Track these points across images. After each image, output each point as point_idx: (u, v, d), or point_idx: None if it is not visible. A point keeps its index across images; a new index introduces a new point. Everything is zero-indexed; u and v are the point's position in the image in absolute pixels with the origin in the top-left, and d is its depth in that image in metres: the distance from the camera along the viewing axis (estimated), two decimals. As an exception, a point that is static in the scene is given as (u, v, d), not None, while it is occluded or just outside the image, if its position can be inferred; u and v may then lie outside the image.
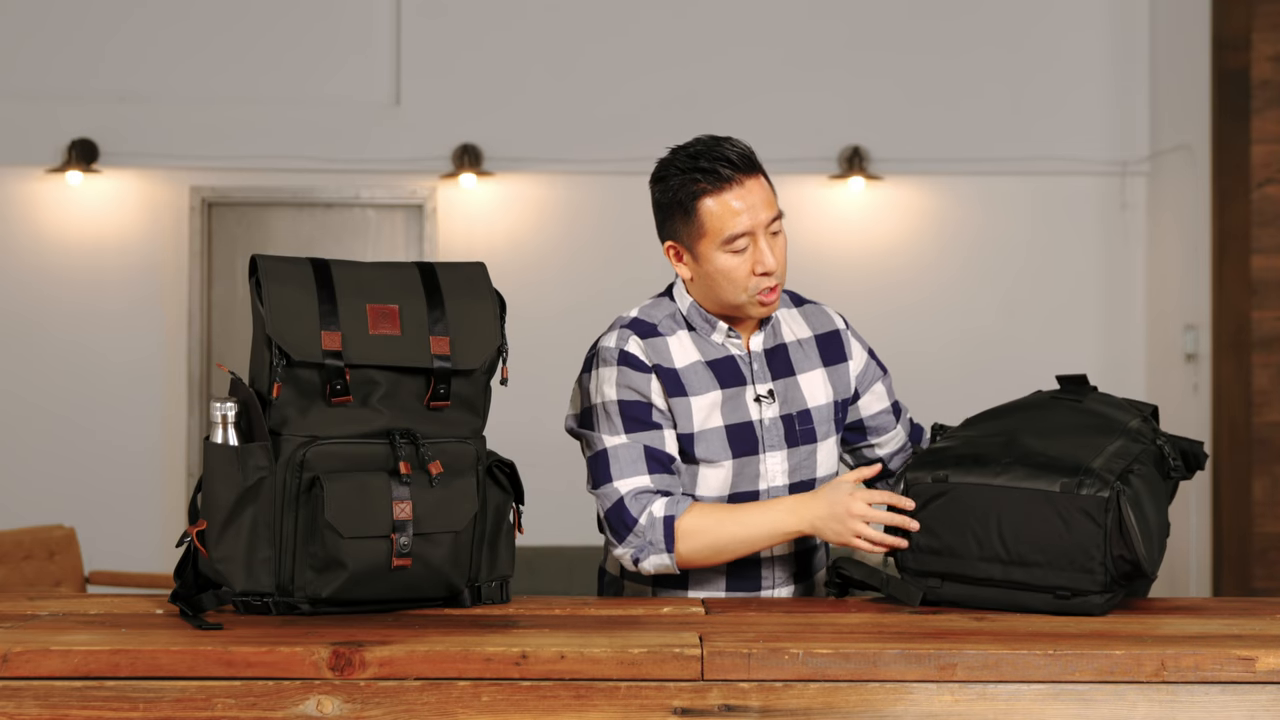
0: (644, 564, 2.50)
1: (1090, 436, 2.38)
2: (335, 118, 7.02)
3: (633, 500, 2.49)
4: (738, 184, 2.50)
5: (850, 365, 2.70)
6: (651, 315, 2.62)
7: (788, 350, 2.65)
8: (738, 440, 2.56)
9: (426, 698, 1.96)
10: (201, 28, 7.04)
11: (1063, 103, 7.10)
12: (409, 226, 7.07)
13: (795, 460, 2.60)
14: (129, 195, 6.98)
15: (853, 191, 7.01)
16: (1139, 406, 2.53)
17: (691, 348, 2.59)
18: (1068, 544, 2.27)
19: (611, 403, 2.54)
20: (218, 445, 2.24)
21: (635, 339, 2.57)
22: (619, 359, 2.55)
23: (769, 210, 2.52)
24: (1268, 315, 6.03)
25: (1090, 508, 2.26)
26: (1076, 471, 2.29)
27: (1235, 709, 1.98)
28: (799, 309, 2.72)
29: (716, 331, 2.60)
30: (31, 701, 1.95)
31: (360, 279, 2.33)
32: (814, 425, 2.62)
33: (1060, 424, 2.43)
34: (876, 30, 7.09)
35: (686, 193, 2.51)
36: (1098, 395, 2.54)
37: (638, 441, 2.52)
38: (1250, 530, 5.98)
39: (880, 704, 1.98)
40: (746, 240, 2.50)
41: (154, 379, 6.99)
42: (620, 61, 7.06)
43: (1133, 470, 2.32)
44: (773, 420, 2.59)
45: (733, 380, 2.59)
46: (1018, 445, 2.38)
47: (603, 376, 2.56)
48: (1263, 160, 6.01)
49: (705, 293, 2.58)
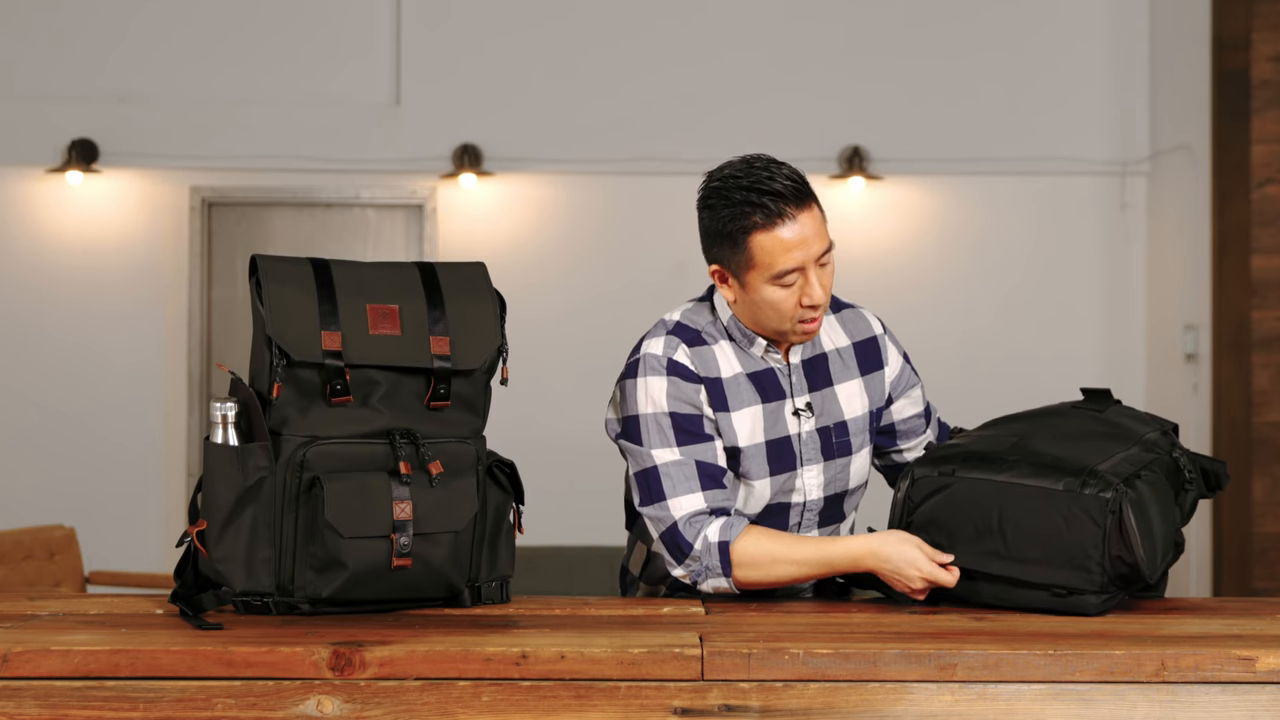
0: (703, 586, 2.47)
1: (1103, 442, 2.38)
2: (335, 118, 7.02)
3: (687, 525, 2.45)
4: (790, 218, 2.42)
5: (886, 372, 2.68)
6: (695, 321, 2.57)
7: (827, 360, 2.62)
8: (776, 457, 2.54)
9: (426, 698, 1.96)
10: (202, 28, 7.04)
11: (1063, 103, 7.10)
12: (409, 226, 7.07)
13: (831, 474, 2.59)
14: (129, 195, 6.98)
15: (853, 191, 7.01)
16: (1161, 421, 2.53)
17: (734, 359, 2.55)
18: (1067, 542, 2.27)
19: (664, 414, 2.49)
20: (218, 445, 2.24)
21: (684, 348, 2.52)
22: (669, 368, 2.50)
23: (821, 243, 2.44)
24: (1268, 315, 6.03)
25: (1091, 507, 2.26)
26: (1081, 472, 2.29)
27: (1235, 709, 1.98)
28: (837, 315, 2.68)
29: (755, 346, 2.56)
30: (31, 701, 1.95)
31: (360, 279, 2.33)
32: (850, 437, 2.60)
33: (1074, 430, 2.43)
34: (876, 30, 7.09)
35: (737, 225, 2.43)
36: (1120, 408, 2.54)
37: (690, 456, 2.48)
38: (1250, 530, 5.98)
39: (880, 704, 1.98)
40: (796, 276, 2.44)
41: (154, 379, 6.99)
42: (621, 61, 7.05)
43: (1140, 475, 2.31)
44: (810, 434, 2.57)
45: (773, 394, 2.56)
46: (1027, 446, 2.38)
47: (651, 386, 2.50)
48: (1263, 160, 6.01)
49: (748, 315, 2.53)
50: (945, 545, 2.36)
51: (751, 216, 2.42)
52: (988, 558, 2.33)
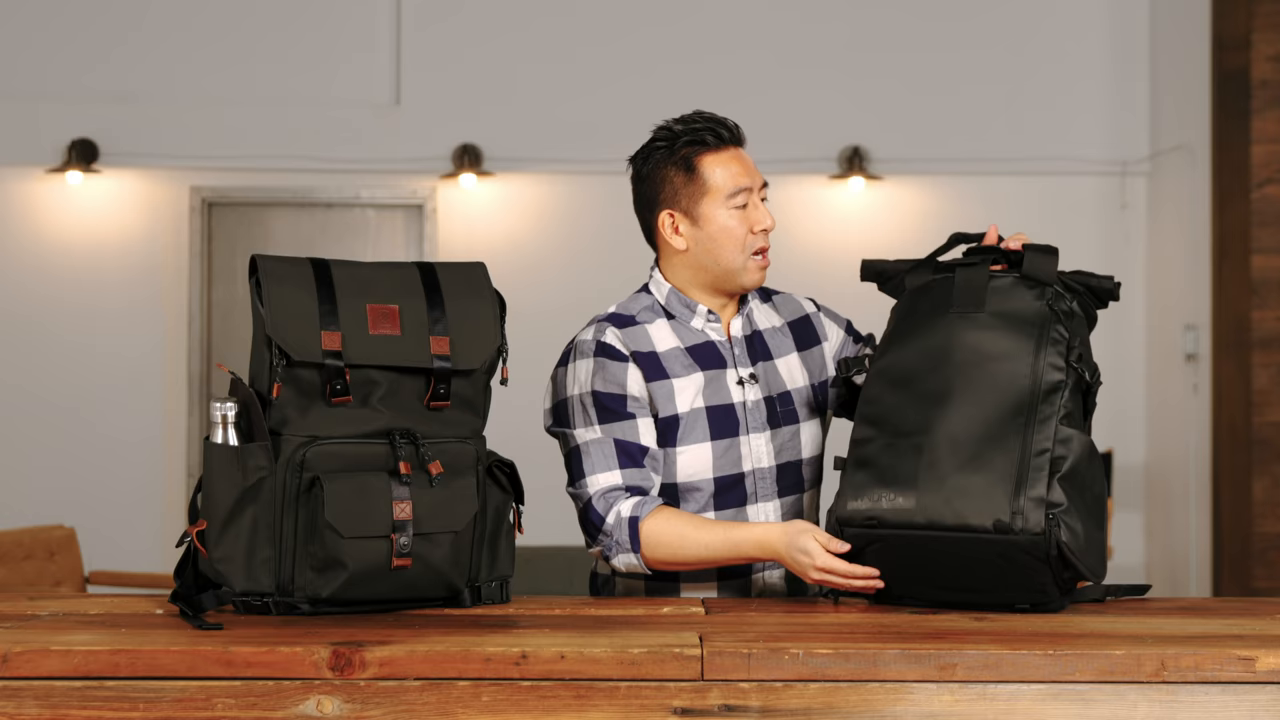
0: (614, 561, 2.53)
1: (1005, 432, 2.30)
2: (335, 118, 7.02)
3: (600, 500, 2.52)
4: (734, 147, 2.64)
5: (825, 346, 2.73)
6: (629, 308, 2.67)
7: (764, 336, 2.69)
8: (719, 422, 2.59)
9: (426, 698, 1.96)
10: (202, 28, 7.04)
11: (1063, 103, 7.10)
12: (409, 226, 7.08)
13: (780, 441, 2.63)
14: (129, 195, 6.98)
15: (853, 191, 7.01)
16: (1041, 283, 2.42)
17: (671, 335, 2.63)
18: (1015, 575, 2.28)
19: (587, 394, 2.57)
20: (218, 445, 2.24)
21: (612, 329, 2.61)
22: (596, 350, 2.59)
23: (759, 178, 2.65)
24: (1268, 315, 6.03)
25: (1028, 547, 2.25)
26: (1004, 506, 2.25)
27: (1235, 709, 1.98)
28: (768, 302, 2.76)
29: (696, 317, 2.64)
30: (31, 701, 1.95)
31: (360, 279, 2.33)
32: (795, 407, 2.66)
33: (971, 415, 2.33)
34: (877, 30, 7.09)
35: (691, 152, 2.61)
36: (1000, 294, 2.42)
37: (609, 434, 2.55)
38: (1250, 530, 5.98)
39: (880, 704, 1.98)
40: (746, 198, 2.61)
41: (154, 379, 6.99)
42: (621, 62, 7.06)
43: (1060, 473, 2.26)
44: (755, 402, 2.62)
45: (714, 363, 2.62)
46: (934, 457, 2.32)
47: (579, 369, 2.59)
48: (1263, 160, 6.01)
49: (701, 261, 2.62)
50: (896, 586, 2.37)
51: (704, 141, 2.61)
52: (941, 591, 2.34)
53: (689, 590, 2.61)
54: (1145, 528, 6.96)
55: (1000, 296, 2.43)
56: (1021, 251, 2.50)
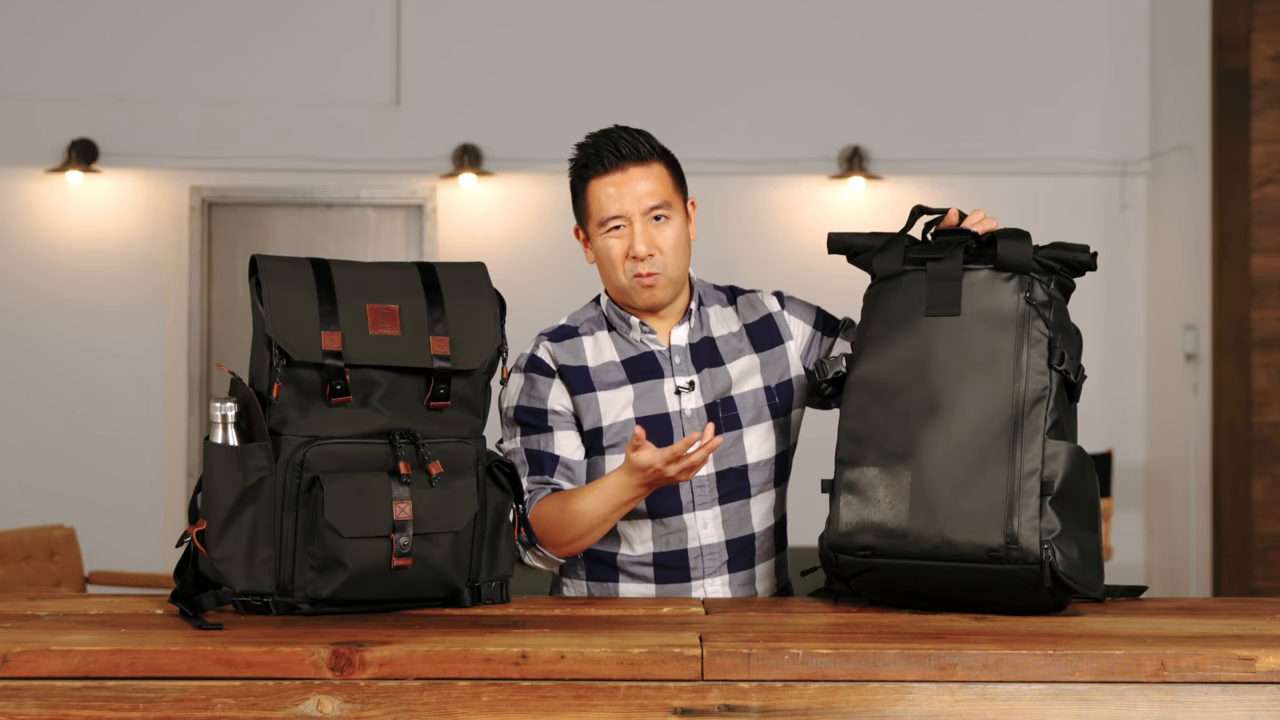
0: (527, 560, 2.57)
1: (992, 452, 2.27)
2: (335, 118, 7.02)
3: None
4: (620, 171, 2.61)
5: (790, 346, 2.70)
6: (576, 319, 2.72)
7: (715, 343, 2.68)
8: (651, 432, 2.58)
9: (426, 698, 1.96)
10: (202, 28, 7.04)
11: (1063, 103, 7.10)
12: (409, 226, 7.08)
13: (721, 448, 2.60)
14: (129, 195, 6.98)
15: (853, 191, 7.01)
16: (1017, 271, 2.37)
17: (609, 347, 2.66)
18: (1013, 593, 2.27)
19: (511, 408, 2.65)
20: (218, 445, 2.24)
21: (546, 344, 2.66)
22: (528, 365, 2.66)
23: (652, 198, 2.60)
24: (1268, 315, 6.03)
25: (1023, 576, 2.25)
26: (997, 534, 2.25)
27: (1235, 709, 1.98)
28: (732, 304, 2.73)
29: (634, 329, 2.66)
30: (31, 701, 1.95)
31: (360, 279, 2.33)
32: (738, 412, 2.63)
33: (957, 434, 2.30)
34: (877, 30, 7.09)
35: (577, 176, 2.66)
36: (976, 290, 2.36)
37: (524, 446, 2.61)
38: (1250, 530, 5.98)
39: (880, 704, 1.98)
40: (622, 223, 2.61)
41: (154, 379, 6.99)
42: (621, 62, 7.06)
43: (1045, 513, 2.25)
44: (695, 410, 2.62)
45: (650, 374, 2.63)
46: (923, 483, 2.30)
47: (512, 384, 2.65)
48: (1263, 160, 6.01)
49: (604, 278, 2.68)
50: (891, 604, 2.37)
51: (589, 164, 2.64)
52: (943, 605, 2.33)
53: (627, 585, 2.62)
54: (1145, 528, 6.96)
55: (976, 294, 2.37)
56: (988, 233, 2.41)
